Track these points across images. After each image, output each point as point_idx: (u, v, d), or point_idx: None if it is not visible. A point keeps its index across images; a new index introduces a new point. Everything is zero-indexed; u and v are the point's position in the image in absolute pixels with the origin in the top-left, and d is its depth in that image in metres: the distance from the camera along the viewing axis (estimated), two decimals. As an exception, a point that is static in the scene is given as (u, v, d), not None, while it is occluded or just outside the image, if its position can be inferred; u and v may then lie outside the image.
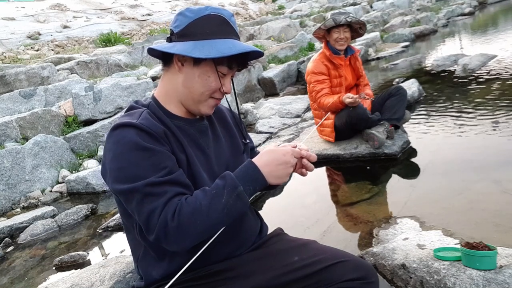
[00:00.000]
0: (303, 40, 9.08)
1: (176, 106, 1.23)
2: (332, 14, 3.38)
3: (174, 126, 1.19)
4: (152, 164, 1.06)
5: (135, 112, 1.18)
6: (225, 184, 1.05)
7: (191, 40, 1.13)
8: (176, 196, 1.05)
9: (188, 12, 1.15)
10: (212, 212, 1.02)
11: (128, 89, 5.23)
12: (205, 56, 1.09)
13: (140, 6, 16.83)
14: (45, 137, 4.13)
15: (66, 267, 2.49)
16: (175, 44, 1.14)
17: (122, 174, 1.07)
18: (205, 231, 1.05)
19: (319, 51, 3.53)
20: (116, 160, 1.08)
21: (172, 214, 1.01)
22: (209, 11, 1.14)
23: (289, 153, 1.12)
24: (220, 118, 1.38)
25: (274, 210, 2.78)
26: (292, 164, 1.12)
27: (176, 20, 1.17)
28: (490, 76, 4.89)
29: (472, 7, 14.55)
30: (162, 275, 1.19)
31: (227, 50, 1.10)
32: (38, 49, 10.30)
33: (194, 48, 1.10)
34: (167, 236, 1.02)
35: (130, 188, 1.05)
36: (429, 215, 2.20)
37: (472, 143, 3.09)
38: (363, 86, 3.59)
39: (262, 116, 5.21)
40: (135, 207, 1.06)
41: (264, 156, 1.11)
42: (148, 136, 1.09)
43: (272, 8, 19.24)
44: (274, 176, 1.09)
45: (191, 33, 1.13)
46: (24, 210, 3.60)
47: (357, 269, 1.15)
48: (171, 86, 1.22)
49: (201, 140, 1.25)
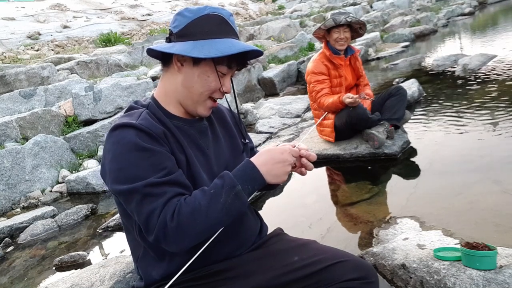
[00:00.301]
0: (303, 40, 9.08)
1: (175, 106, 1.23)
2: (332, 14, 3.38)
3: (174, 127, 1.19)
4: (151, 164, 1.06)
5: (135, 112, 1.18)
6: (224, 184, 1.06)
7: (190, 40, 1.12)
8: (175, 196, 1.05)
9: (187, 12, 1.15)
10: (211, 212, 1.03)
11: (128, 89, 5.23)
12: (204, 55, 1.09)
13: (140, 6, 16.83)
14: (45, 137, 4.13)
15: (66, 267, 2.49)
16: (174, 44, 1.14)
17: (121, 174, 1.07)
18: (204, 231, 1.05)
19: (319, 51, 3.53)
20: (116, 160, 1.08)
21: (171, 215, 1.01)
22: (208, 10, 1.14)
23: (287, 151, 1.12)
24: (219, 118, 1.38)
25: (274, 210, 2.78)
26: (290, 162, 1.12)
27: (175, 20, 1.17)
28: (490, 76, 4.88)
29: (472, 7, 14.54)
30: (162, 276, 1.19)
31: (226, 50, 1.10)
32: (38, 49, 10.30)
33: (194, 48, 1.10)
34: (166, 236, 1.02)
35: (129, 188, 1.05)
36: (429, 215, 2.20)
37: (472, 143, 3.09)
38: (363, 86, 3.59)
39: (262, 116, 5.21)
40: (135, 208, 1.06)
41: (262, 155, 1.12)
42: (147, 137, 1.09)
43: (272, 8, 19.24)
44: (272, 175, 1.09)
45: (190, 33, 1.13)
46: (24, 210, 3.60)
47: (357, 269, 1.15)
48: (171, 86, 1.21)
49: (201, 141, 1.25)
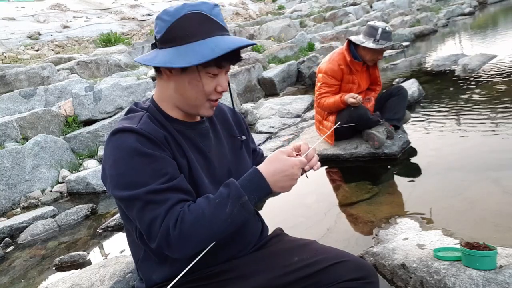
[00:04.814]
0: (303, 40, 9.07)
1: (174, 110, 1.20)
2: (374, 27, 3.11)
3: (175, 130, 1.17)
4: (152, 170, 1.04)
5: (135, 116, 1.16)
6: (230, 193, 1.03)
7: (173, 46, 1.08)
8: (178, 203, 1.04)
9: (165, 16, 1.09)
10: (215, 221, 1.01)
11: (128, 89, 5.23)
12: (187, 64, 1.04)
13: (140, 6, 16.83)
14: (45, 137, 4.13)
15: (66, 267, 2.49)
16: (157, 54, 1.10)
17: (122, 180, 1.05)
18: (207, 240, 1.04)
19: (339, 48, 3.39)
20: (116, 166, 1.06)
21: (174, 223, 1.00)
22: (187, 9, 1.07)
23: (297, 165, 1.09)
24: (221, 118, 1.36)
25: (274, 210, 2.78)
26: (298, 176, 1.10)
27: (156, 25, 1.11)
28: (490, 76, 4.89)
29: (472, 7, 14.54)
30: (163, 279, 1.19)
31: (209, 54, 1.03)
32: (38, 49, 10.30)
33: (177, 56, 1.05)
34: (169, 244, 1.01)
35: (130, 195, 1.03)
36: (429, 215, 2.20)
37: (472, 143, 3.09)
38: (375, 93, 3.54)
39: (262, 116, 5.21)
40: (136, 215, 1.04)
41: (271, 165, 1.08)
42: (148, 142, 1.07)
43: (272, 8, 19.22)
44: (279, 186, 1.08)
45: (172, 38, 1.08)
46: (24, 210, 3.59)
47: (357, 269, 1.15)
48: (166, 92, 1.18)
49: (202, 144, 1.22)
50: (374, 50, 3.14)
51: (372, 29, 3.12)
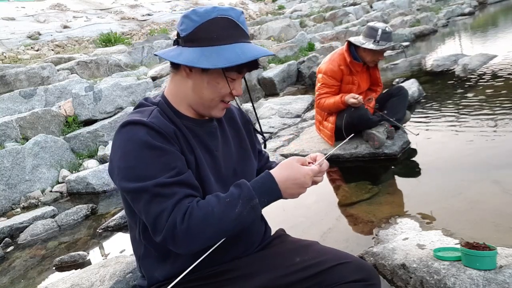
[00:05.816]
0: (303, 40, 9.07)
1: (185, 107, 1.21)
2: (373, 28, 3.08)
3: (184, 127, 1.17)
4: (161, 163, 1.05)
5: (146, 110, 1.16)
6: (241, 194, 1.04)
7: (198, 46, 1.09)
8: (185, 198, 1.04)
9: (194, 15, 1.10)
10: (224, 220, 1.02)
11: (128, 89, 5.23)
12: (212, 66, 1.06)
13: (140, 6, 16.84)
14: (45, 137, 4.13)
15: (66, 267, 2.49)
16: (182, 51, 1.11)
17: (131, 172, 1.05)
18: (213, 238, 1.04)
19: (339, 48, 3.38)
20: (126, 158, 1.06)
21: (182, 217, 1.00)
22: (216, 13, 1.09)
23: (309, 175, 1.10)
24: (229, 118, 1.36)
25: (274, 210, 2.76)
26: (308, 186, 1.12)
27: (182, 23, 1.13)
28: (490, 76, 4.88)
29: (472, 7, 14.53)
30: (165, 277, 1.19)
31: (234, 59, 1.06)
32: (38, 49, 10.30)
33: (201, 57, 1.07)
34: (175, 238, 1.01)
35: (138, 187, 1.03)
36: (429, 215, 2.20)
37: (472, 143, 3.09)
38: (375, 94, 3.54)
39: (262, 116, 5.21)
40: (143, 207, 1.05)
41: (285, 171, 1.09)
42: (158, 135, 1.07)
43: (272, 8, 19.24)
44: (288, 193, 1.09)
45: (198, 38, 1.09)
46: (24, 210, 3.60)
47: (358, 271, 1.15)
48: (181, 89, 1.19)
49: (210, 142, 1.23)
50: (374, 51, 3.13)
51: (372, 30, 3.12)
